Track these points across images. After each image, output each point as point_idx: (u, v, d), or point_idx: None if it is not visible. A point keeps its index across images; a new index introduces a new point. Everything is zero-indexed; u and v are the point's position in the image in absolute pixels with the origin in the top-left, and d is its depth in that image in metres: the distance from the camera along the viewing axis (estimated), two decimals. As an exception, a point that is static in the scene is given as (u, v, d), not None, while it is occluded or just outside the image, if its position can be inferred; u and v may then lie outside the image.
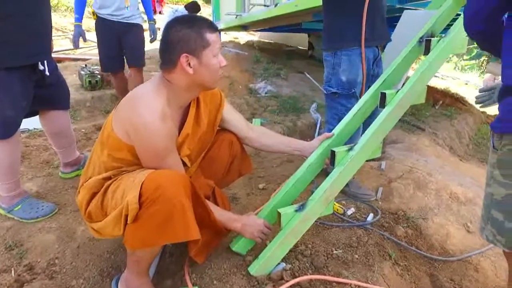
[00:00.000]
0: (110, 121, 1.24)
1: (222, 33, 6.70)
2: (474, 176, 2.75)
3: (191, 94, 1.29)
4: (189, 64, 1.17)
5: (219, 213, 1.35)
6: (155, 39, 3.33)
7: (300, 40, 6.76)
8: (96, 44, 3.18)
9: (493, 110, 5.37)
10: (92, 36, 2.62)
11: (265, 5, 5.01)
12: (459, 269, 1.67)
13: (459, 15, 1.60)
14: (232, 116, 1.55)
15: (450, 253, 1.74)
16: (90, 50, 5.90)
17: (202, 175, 1.51)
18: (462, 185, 2.26)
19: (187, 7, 6.74)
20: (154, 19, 3.31)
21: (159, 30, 2.99)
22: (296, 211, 1.34)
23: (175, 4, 10.77)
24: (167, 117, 1.19)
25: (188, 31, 1.17)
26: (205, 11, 11.20)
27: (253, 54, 5.15)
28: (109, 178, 1.23)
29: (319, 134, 3.04)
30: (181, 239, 1.12)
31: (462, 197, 2.11)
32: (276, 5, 3.79)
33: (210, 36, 1.19)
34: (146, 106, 1.16)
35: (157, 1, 9.74)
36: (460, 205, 2.06)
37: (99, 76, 3.73)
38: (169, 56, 1.20)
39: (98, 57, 3.15)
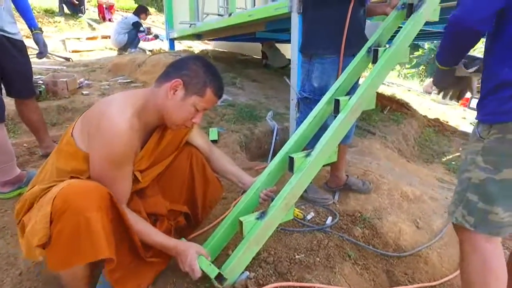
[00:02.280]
0: (72, 126, 1.21)
1: (176, 42, 6.61)
2: (420, 175, 2.96)
3: (158, 118, 1.26)
4: (175, 90, 1.21)
5: (154, 237, 1.25)
6: (45, 53, 2.53)
7: (255, 49, 6.86)
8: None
9: (433, 114, 5.85)
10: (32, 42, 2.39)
11: (219, 15, 5.03)
12: (411, 263, 1.77)
13: (401, 27, 1.73)
14: (195, 138, 1.54)
15: (403, 248, 1.84)
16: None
17: (160, 194, 1.46)
18: (411, 184, 2.41)
19: (135, 11, 6.59)
20: (40, 28, 2.41)
21: (109, 38, 2.76)
22: (257, 218, 1.34)
23: (126, 11, 10.45)
24: (135, 127, 1.16)
25: (202, 73, 1.23)
26: (159, 19, 11.01)
27: (207, 63, 5.13)
28: (56, 182, 1.14)
29: (276, 141, 3.09)
30: (90, 258, 1.03)
31: (411, 195, 2.25)
32: (230, 14, 3.82)
33: (210, 95, 1.25)
34: (118, 110, 1.14)
35: (106, 8, 9.37)
36: (409, 203, 2.19)
37: (43, 86, 3.49)
38: (172, 71, 1.25)
39: (41, 66, 2.92)
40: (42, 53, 2.48)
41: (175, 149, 1.45)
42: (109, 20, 9.40)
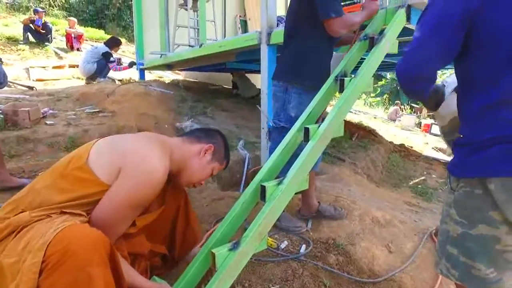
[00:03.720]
0: (84, 154, 1.17)
1: (146, 72, 6.60)
2: (389, 200, 3.03)
3: (174, 169, 1.34)
4: (205, 152, 1.40)
5: (133, 278, 1.19)
6: (5, 83, 2.44)
7: (225, 79, 6.97)
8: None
9: (398, 140, 6.11)
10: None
11: (190, 45, 5.12)
12: (386, 289, 1.77)
13: (364, 58, 1.83)
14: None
15: (377, 274, 1.84)
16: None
17: (144, 233, 1.41)
18: (381, 209, 2.46)
19: (107, 42, 6.53)
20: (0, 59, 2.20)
21: (76, 67, 2.65)
22: (230, 250, 1.29)
23: (95, 41, 10.37)
24: (166, 175, 1.21)
25: (223, 146, 1.50)
26: (129, 49, 11.00)
27: (178, 93, 5.14)
28: (46, 216, 1.03)
29: (247, 170, 3.08)
30: None
31: (382, 220, 2.29)
32: (201, 45, 3.89)
33: (224, 165, 1.51)
34: (159, 155, 1.19)
35: (74, 38, 9.26)
36: (381, 227, 2.22)
37: (1, 116, 3.31)
38: (203, 136, 1.45)
39: (0, 95, 2.76)
40: (1, 84, 2.36)
41: (173, 204, 1.49)
42: (78, 49, 9.26)
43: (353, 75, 1.77)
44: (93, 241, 0.95)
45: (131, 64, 6.68)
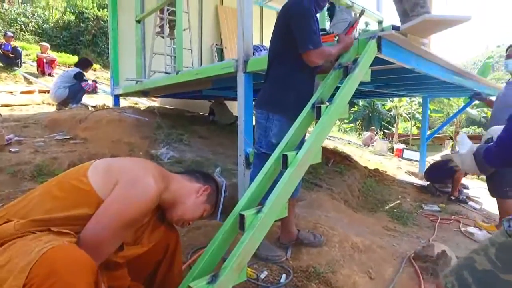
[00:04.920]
0: (85, 166, 1.20)
1: (121, 98, 6.50)
2: (367, 225, 3.04)
3: (167, 203, 1.35)
4: (203, 192, 1.43)
5: None
6: None
7: (201, 106, 6.97)
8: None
9: (372, 165, 6.24)
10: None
11: (166, 72, 5.11)
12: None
13: (339, 86, 1.88)
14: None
15: (359, 303, 1.80)
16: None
17: (126, 267, 1.34)
18: (360, 234, 2.45)
19: (78, 63, 6.41)
20: None
21: (47, 93, 2.57)
22: (208, 283, 1.23)
23: (69, 67, 10.20)
24: (157, 199, 1.21)
25: (217, 190, 1.53)
26: (104, 76, 10.86)
27: (154, 120, 5.06)
28: (30, 232, 0.99)
29: (224, 197, 3.02)
30: None
31: (361, 245, 2.28)
32: (177, 72, 3.89)
33: (212, 210, 1.52)
34: (155, 179, 1.19)
35: (46, 63, 9.05)
36: (360, 253, 2.21)
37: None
38: (201, 177, 1.49)
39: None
40: None
41: (163, 242, 1.44)
42: (49, 74, 9.04)
43: (328, 103, 1.81)
44: (81, 266, 0.92)
45: (94, 82, 6.67)
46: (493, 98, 3.40)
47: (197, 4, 7.22)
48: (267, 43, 2.14)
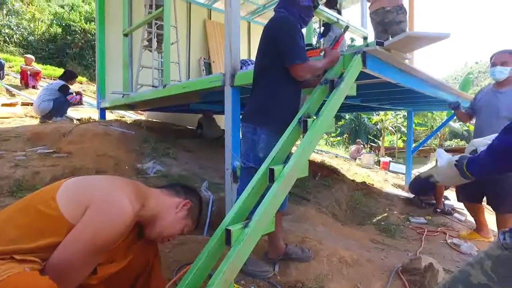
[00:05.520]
0: (53, 188, 1.12)
1: (107, 111, 6.43)
2: (355, 238, 3.03)
3: (145, 220, 1.31)
4: (182, 207, 1.39)
5: None
6: None
7: (189, 120, 6.95)
8: None
9: (360, 178, 6.29)
10: None
11: (153, 86, 5.09)
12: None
13: (325, 100, 1.90)
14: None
15: (347, 320, 1.78)
16: None
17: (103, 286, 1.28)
18: (348, 248, 2.44)
19: (62, 76, 6.31)
20: None
21: (31, 105, 2.52)
22: (193, 302, 1.19)
23: (54, 79, 10.06)
24: (133, 221, 1.16)
25: (199, 206, 1.50)
26: (90, 89, 10.75)
27: (140, 133, 5.01)
28: None
29: (211, 212, 2.98)
30: None
31: (349, 259, 2.26)
32: (165, 86, 3.88)
33: (194, 225, 1.49)
34: (130, 198, 1.13)
35: (30, 75, 8.91)
36: (349, 267, 2.19)
37: None
38: (181, 191, 1.45)
39: None
40: None
41: (141, 258, 1.39)
42: (33, 87, 8.90)
43: (315, 117, 1.82)
44: None
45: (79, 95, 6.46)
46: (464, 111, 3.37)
47: (185, 19, 7.28)
48: (254, 57, 2.15)
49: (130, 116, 7.79)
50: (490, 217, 3.39)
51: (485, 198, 3.07)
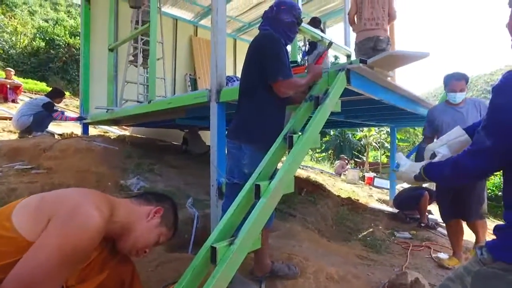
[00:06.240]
0: (9, 208, 1.06)
1: (90, 126, 6.31)
2: (341, 254, 3.02)
3: (116, 233, 1.24)
4: (154, 214, 1.32)
5: None
6: None
7: (174, 135, 6.88)
8: None
9: (345, 193, 6.33)
10: None
11: (138, 101, 5.05)
12: None
13: (311, 116, 1.91)
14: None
15: None
16: None
17: None
18: (334, 264, 2.42)
19: (49, 93, 6.14)
20: None
21: (9, 120, 2.43)
22: (177, 324, 1.15)
23: (35, 93, 9.86)
24: (104, 231, 1.08)
25: (173, 211, 1.44)
26: (73, 103, 10.57)
27: (124, 149, 4.92)
28: None
29: (196, 229, 2.92)
30: None
31: (336, 276, 2.24)
32: (149, 101, 3.85)
33: (172, 231, 1.43)
34: (97, 206, 1.07)
35: (10, 89, 8.70)
36: (335, 284, 2.17)
37: None
38: (152, 198, 1.39)
39: None
40: None
41: (116, 276, 1.31)
42: (13, 101, 8.67)
43: (300, 133, 1.83)
44: None
45: (80, 119, 6.26)
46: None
47: (171, 35, 7.32)
48: (240, 74, 2.17)
49: (114, 131, 7.67)
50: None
51: None
